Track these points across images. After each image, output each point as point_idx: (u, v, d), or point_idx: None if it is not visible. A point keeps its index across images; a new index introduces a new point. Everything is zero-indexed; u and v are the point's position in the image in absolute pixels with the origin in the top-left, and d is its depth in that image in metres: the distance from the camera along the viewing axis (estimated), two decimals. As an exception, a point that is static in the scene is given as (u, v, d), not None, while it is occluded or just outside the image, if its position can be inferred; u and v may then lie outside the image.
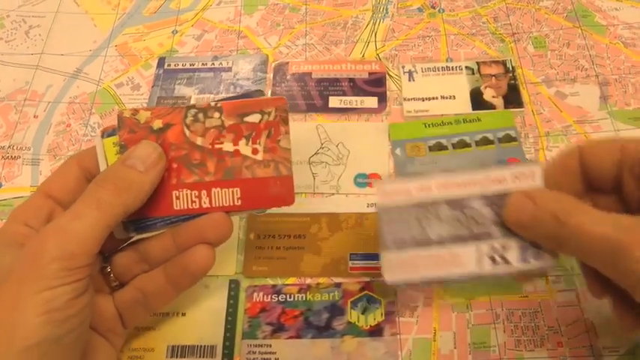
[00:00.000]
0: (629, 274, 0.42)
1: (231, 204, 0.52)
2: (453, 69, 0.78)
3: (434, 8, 0.84)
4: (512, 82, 0.76)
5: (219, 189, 0.52)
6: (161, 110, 0.53)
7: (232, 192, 0.52)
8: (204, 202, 0.52)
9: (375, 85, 0.77)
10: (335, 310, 0.63)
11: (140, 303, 0.54)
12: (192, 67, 0.81)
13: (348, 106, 0.75)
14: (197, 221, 0.51)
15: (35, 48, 0.86)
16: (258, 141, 0.53)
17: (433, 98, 0.76)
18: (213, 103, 0.53)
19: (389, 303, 0.63)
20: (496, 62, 0.78)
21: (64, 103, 0.80)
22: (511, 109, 0.74)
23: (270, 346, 0.62)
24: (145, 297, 0.54)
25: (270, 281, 0.65)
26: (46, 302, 0.42)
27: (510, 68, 0.78)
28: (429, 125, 0.72)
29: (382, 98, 0.76)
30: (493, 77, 0.77)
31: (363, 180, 0.69)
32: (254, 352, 0.62)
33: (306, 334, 0.62)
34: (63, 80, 0.82)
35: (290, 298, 0.64)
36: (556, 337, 0.61)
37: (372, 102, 0.76)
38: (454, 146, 0.71)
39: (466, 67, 0.78)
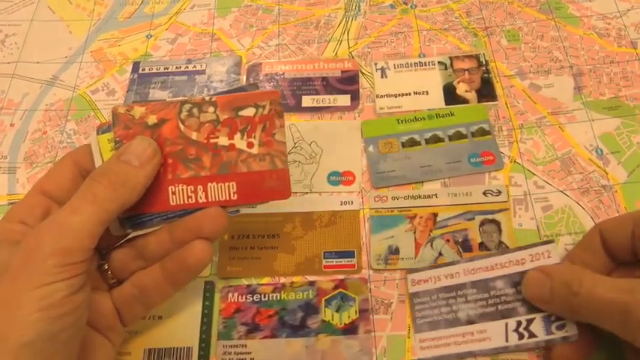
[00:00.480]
0: (637, 332, 0.46)
1: (228, 198, 0.52)
2: (425, 64, 0.78)
3: (406, 4, 0.84)
4: (486, 75, 0.76)
5: (215, 183, 0.52)
6: (155, 106, 0.53)
7: (228, 186, 0.52)
8: (201, 197, 0.52)
9: (348, 83, 0.77)
10: (309, 308, 0.63)
11: (138, 300, 0.54)
12: (166, 70, 0.81)
13: (321, 104, 0.75)
14: (193, 216, 0.52)
15: (11, 57, 0.86)
16: (253, 135, 0.53)
17: (406, 94, 0.76)
18: (207, 98, 0.53)
19: (363, 301, 0.63)
20: (469, 56, 0.78)
21: (41, 110, 0.80)
22: (484, 103, 0.74)
23: (246, 346, 0.61)
24: (143, 294, 0.53)
25: (244, 281, 0.65)
26: (42, 299, 0.42)
27: (483, 62, 0.78)
28: (401, 121, 0.73)
29: (355, 96, 0.76)
30: (466, 71, 0.77)
31: (336, 178, 0.69)
32: (229, 353, 0.62)
33: (281, 333, 0.62)
34: (39, 88, 0.82)
35: (264, 297, 0.64)
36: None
37: (344, 100, 0.76)
38: (427, 141, 0.71)
39: (439, 62, 0.78)
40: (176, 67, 0.81)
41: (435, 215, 0.66)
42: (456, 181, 0.69)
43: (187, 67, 0.81)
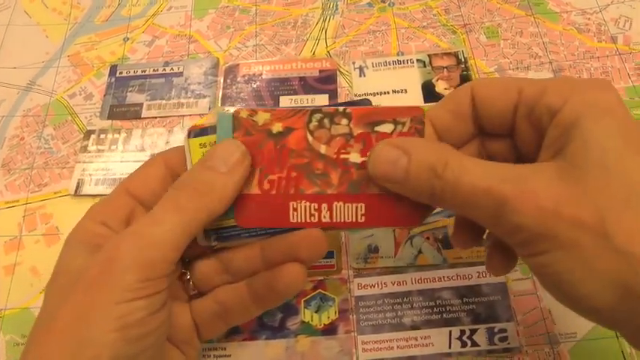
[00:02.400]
0: (513, 229, 0.39)
1: (354, 220, 0.47)
2: (404, 62, 0.77)
3: (384, 2, 0.84)
4: (465, 73, 0.76)
5: (342, 203, 0.47)
6: (282, 112, 0.48)
7: (356, 207, 0.47)
8: (324, 217, 0.47)
9: (326, 82, 0.76)
10: (289, 309, 0.63)
11: (219, 316, 0.51)
12: (143, 73, 0.80)
13: (299, 104, 0.74)
14: (290, 236, 0.47)
15: (-12, 63, 0.84)
16: None
17: (384, 93, 0.75)
18: (341, 109, 0.47)
19: (342, 301, 0.62)
20: (448, 54, 0.78)
21: (18, 116, 0.79)
22: (463, 100, 0.73)
23: (225, 349, 0.61)
24: (225, 310, 0.50)
25: (223, 284, 0.64)
26: (120, 317, 0.39)
27: (462, 59, 0.77)
28: (380, 120, 0.72)
29: (333, 95, 0.75)
30: (445, 69, 0.76)
31: (315, 178, 0.69)
32: (209, 356, 0.61)
33: (260, 335, 0.61)
34: (16, 93, 0.81)
35: (244, 299, 0.62)
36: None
37: (322, 99, 0.75)
38: (406, 140, 0.70)
39: (417, 60, 0.78)
40: (153, 70, 0.80)
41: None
42: (436, 178, 0.68)
43: (165, 69, 0.80)
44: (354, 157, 0.47)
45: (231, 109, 0.48)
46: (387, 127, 0.47)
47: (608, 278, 0.37)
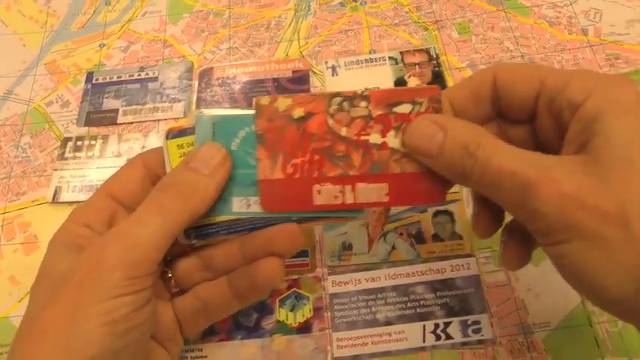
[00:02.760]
0: (535, 215, 0.39)
1: (378, 200, 0.48)
2: (376, 60, 0.78)
3: (355, 2, 0.84)
4: (437, 69, 0.76)
5: (364, 184, 0.48)
6: (302, 98, 0.48)
7: (379, 187, 0.47)
8: (348, 198, 0.48)
9: (299, 82, 0.77)
10: (264, 309, 0.63)
11: (201, 312, 0.52)
12: (119, 79, 0.81)
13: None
14: (267, 231, 0.49)
15: (-34, 73, 0.85)
16: None
17: (357, 91, 0.75)
18: (359, 91, 0.48)
19: (317, 299, 0.63)
20: (419, 51, 0.78)
21: (-4, 126, 0.79)
22: (436, 96, 0.74)
23: (202, 349, 0.61)
24: (207, 306, 0.52)
25: (199, 285, 0.64)
26: (107, 313, 0.41)
27: (434, 56, 0.78)
28: (352, 118, 0.72)
29: (306, 96, 0.75)
30: (417, 65, 0.77)
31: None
32: (185, 358, 0.61)
33: (236, 335, 0.62)
34: (-6, 103, 0.81)
35: (219, 300, 0.63)
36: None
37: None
38: (379, 137, 0.70)
39: (389, 57, 0.78)
40: (129, 76, 0.81)
41: (388, 209, 0.66)
42: (409, 174, 0.68)
43: (140, 74, 0.81)
44: (375, 138, 0.47)
45: (208, 112, 0.50)
46: (405, 108, 0.47)
47: (630, 270, 0.38)
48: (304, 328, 0.61)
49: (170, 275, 0.52)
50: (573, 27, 0.79)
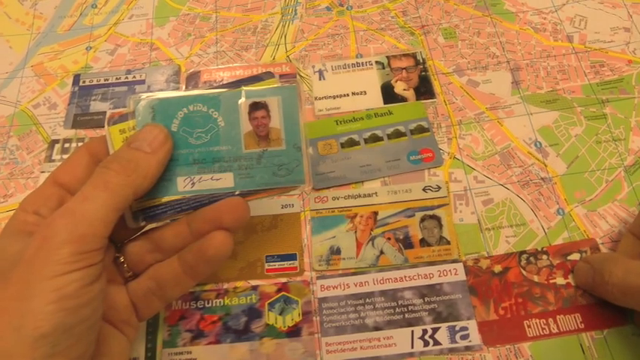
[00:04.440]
0: None
1: (576, 328, 0.60)
2: (363, 65, 0.78)
3: (342, 6, 0.85)
4: (424, 73, 0.77)
5: (562, 315, 0.60)
6: (498, 257, 0.64)
7: (574, 317, 0.60)
8: (553, 329, 0.60)
9: (287, 86, 0.77)
10: (253, 313, 0.63)
11: (155, 293, 0.53)
12: (106, 82, 0.81)
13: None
14: (213, 207, 0.50)
15: (-48, 75, 0.84)
16: None
17: (344, 95, 0.76)
18: (539, 248, 0.64)
19: (306, 303, 0.63)
20: (406, 55, 0.79)
21: (-18, 128, 0.78)
22: (423, 101, 0.75)
23: (190, 352, 0.62)
24: (160, 287, 0.52)
25: (188, 289, 0.64)
26: (58, 289, 0.41)
27: (421, 60, 0.78)
28: (340, 122, 0.73)
29: (293, 99, 0.75)
30: (403, 70, 0.77)
31: (277, 182, 0.69)
32: (174, 361, 0.61)
33: (225, 338, 0.62)
34: (-20, 105, 0.80)
35: (208, 303, 0.64)
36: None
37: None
38: (366, 141, 0.71)
39: (376, 62, 0.78)
40: (116, 78, 0.81)
41: (376, 214, 0.67)
42: (396, 179, 0.69)
43: (127, 77, 0.81)
44: (560, 281, 0.62)
45: (146, 96, 0.52)
46: (575, 256, 0.63)
47: None
48: (293, 332, 0.62)
49: (122, 260, 0.53)
50: (559, 34, 0.80)
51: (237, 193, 0.52)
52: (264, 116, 0.52)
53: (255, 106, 0.52)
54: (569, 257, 0.63)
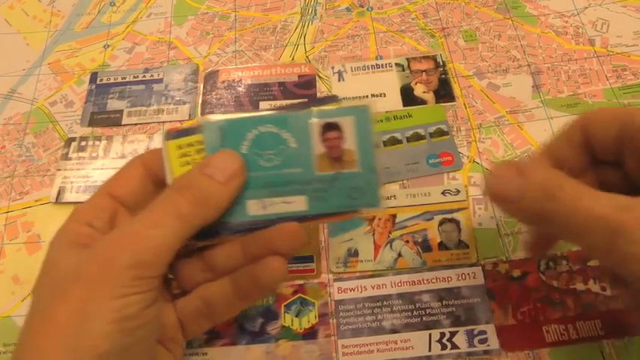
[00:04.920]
0: (629, 258, 0.39)
1: (596, 334, 0.58)
2: (382, 66, 0.78)
3: (362, 7, 0.84)
4: (443, 76, 0.76)
5: (582, 321, 0.59)
6: (516, 262, 0.63)
7: (594, 323, 0.59)
8: (572, 335, 0.59)
9: (305, 87, 0.77)
10: (269, 314, 0.63)
11: (203, 313, 0.52)
12: (123, 80, 0.80)
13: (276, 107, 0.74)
14: (267, 231, 0.49)
15: (-31, 71, 0.84)
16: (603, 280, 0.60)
17: (363, 97, 0.76)
18: (559, 253, 0.63)
19: (322, 305, 0.62)
20: (426, 58, 0.78)
21: (-2, 124, 0.78)
22: (442, 104, 0.74)
23: (206, 354, 0.61)
24: (209, 307, 0.51)
25: (204, 290, 0.64)
26: (117, 310, 0.41)
27: (441, 63, 0.78)
28: (359, 124, 0.72)
29: (313, 100, 0.75)
30: (423, 73, 0.77)
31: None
32: (189, 362, 0.60)
33: (241, 340, 0.61)
34: (-3, 102, 0.80)
35: (224, 305, 0.62)
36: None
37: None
38: (385, 144, 0.71)
39: (396, 64, 0.78)
40: (133, 77, 0.80)
41: (394, 216, 0.66)
42: (415, 182, 0.69)
43: (145, 76, 0.80)
44: (580, 286, 0.61)
45: (214, 118, 0.51)
46: (595, 262, 0.61)
47: None
48: (309, 334, 0.61)
49: (171, 277, 0.52)
50: (580, 37, 0.79)
51: (309, 215, 0.50)
52: (337, 137, 0.50)
53: (328, 127, 0.50)
54: (589, 263, 0.61)
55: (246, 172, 0.49)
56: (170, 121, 0.76)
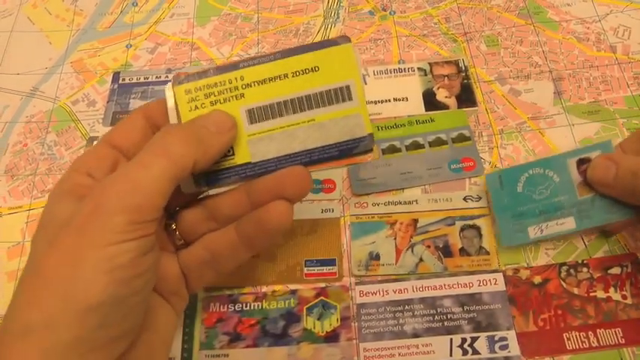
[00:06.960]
0: None
1: (616, 343, 0.59)
2: (405, 71, 0.78)
3: (385, 11, 0.84)
4: (466, 81, 0.76)
5: (602, 329, 0.59)
6: (538, 269, 0.64)
7: (615, 331, 0.59)
8: (593, 342, 0.59)
9: (328, 90, 0.76)
10: (291, 317, 0.63)
11: (208, 264, 0.51)
12: (146, 80, 0.81)
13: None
14: (274, 175, 0.48)
15: (-9, 69, 0.85)
16: (624, 288, 0.61)
17: (386, 101, 0.75)
18: (579, 260, 0.63)
19: (344, 308, 0.62)
20: (448, 62, 0.78)
21: (21, 122, 0.79)
22: (464, 109, 0.74)
23: (228, 355, 0.61)
24: (214, 257, 0.51)
25: (226, 291, 0.65)
26: (111, 258, 0.39)
27: (463, 68, 0.78)
28: (381, 128, 0.72)
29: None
30: (446, 77, 0.77)
31: (317, 186, 0.69)
32: (211, 363, 0.61)
33: (263, 342, 0.62)
34: (19, 100, 0.82)
35: (246, 307, 0.63)
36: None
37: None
38: (407, 148, 0.71)
39: (418, 68, 0.78)
40: (156, 77, 0.81)
41: (416, 221, 0.66)
42: (437, 187, 0.69)
43: (167, 76, 0.81)
44: (600, 294, 0.61)
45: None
46: (616, 270, 0.62)
47: None
48: (331, 337, 0.61)
49: (174, 227, 0.52)
50: (602, 44, 0.79)
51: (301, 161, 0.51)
52: None
53: (582, 162, 0.62)
54: (609, 271, 0.62)
55: (236, 130, 0.49)
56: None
